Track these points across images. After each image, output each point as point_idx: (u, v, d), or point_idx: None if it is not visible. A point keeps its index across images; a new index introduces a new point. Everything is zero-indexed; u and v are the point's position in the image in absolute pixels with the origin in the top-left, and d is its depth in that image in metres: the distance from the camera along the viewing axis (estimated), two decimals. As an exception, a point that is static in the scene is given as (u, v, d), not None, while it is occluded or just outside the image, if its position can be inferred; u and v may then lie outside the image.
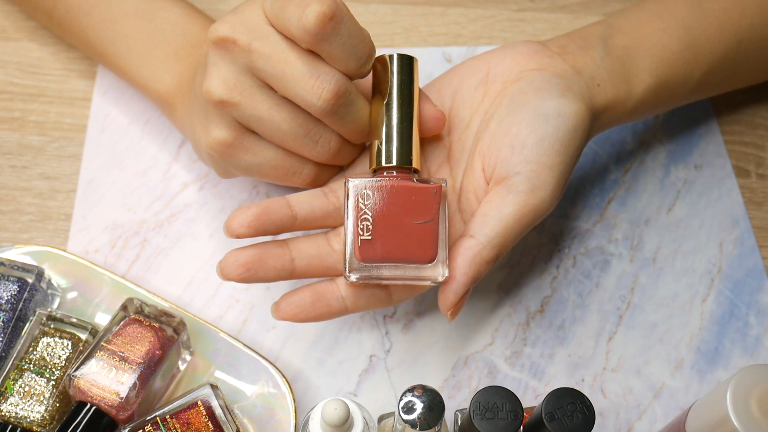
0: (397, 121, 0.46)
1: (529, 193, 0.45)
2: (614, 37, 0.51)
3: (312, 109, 0.44)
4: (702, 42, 0.52)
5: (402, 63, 0.46)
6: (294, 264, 0.46)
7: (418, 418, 0.39)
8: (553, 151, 0.45)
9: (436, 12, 0.67)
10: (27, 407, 0.46)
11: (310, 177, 0.48)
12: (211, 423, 0.45)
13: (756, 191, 0.60)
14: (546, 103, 0.46)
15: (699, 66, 0.52)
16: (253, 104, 0.44)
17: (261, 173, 0.48)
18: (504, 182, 0.45)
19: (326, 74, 0.43)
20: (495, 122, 0.47)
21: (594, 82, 0.48)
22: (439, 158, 0.50)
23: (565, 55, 0.49)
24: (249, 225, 0.45)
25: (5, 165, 0.59)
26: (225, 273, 0.45)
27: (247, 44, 0.43)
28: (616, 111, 0.50)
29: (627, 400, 0.52)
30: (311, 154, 0.46)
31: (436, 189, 0.44)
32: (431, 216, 0.44)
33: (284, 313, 0.46)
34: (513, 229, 0.45)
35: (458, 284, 0.44)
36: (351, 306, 0.47)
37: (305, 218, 0.46)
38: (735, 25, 0.53)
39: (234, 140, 0.46)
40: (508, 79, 0.48)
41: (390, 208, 0.44)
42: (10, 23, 0.64)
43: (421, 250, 0.44)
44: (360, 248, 0.44)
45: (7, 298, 0.48)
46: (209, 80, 0.45)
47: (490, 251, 0.44)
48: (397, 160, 0.45)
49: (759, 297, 0.55)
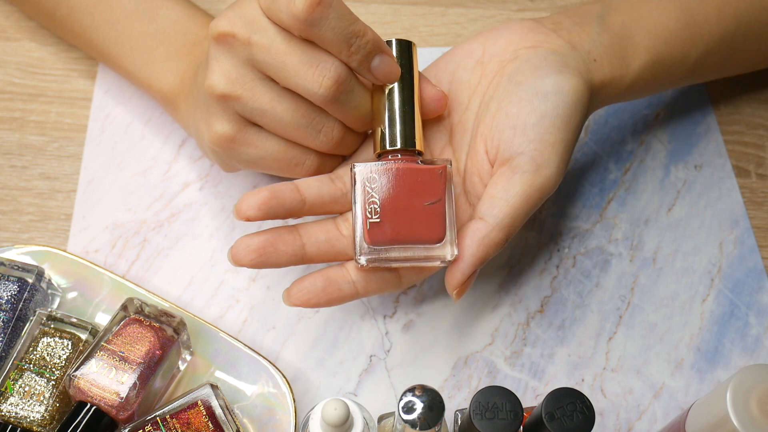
0: (399, 105, 0.46)
1: (534, 172, 0.45)
2: (611, 14, 0.51)
3: (314, 98, 0.44)
4: (700, 22, 0.52)
5: (401, 48, 0.47)
6: (305, 249, 0.46)
7: (418, 418, 0.39)
8: (555, 129, 0.45)
9: (436, 12, 0.67)
10: (27, 407, 0.46)
11: (313, 168, 0.48)
12: (211, 423, 0.45)
13: (756, 191, 0.60)
14: (543, 80, 0.46)
15: (696, 46, 0.52)
16: (255, 97, 0.44)
17: (264, 166, 0.48)
18: (508, 163, 0.45)
19: (325, 62, 0.43)
20: (495, 103, 0.47)
21: (590, 57, 0.48)
22: (442, 141, 0.50)
23: (560, 31, 0.49)
24: (259, 207, 0.44)
25: (5, 165, 0.59)
26: (237, 259, 0.45)
27: (246, 38, 0.43)
28: (614, 87, 0.50)
29: (627, 400, 0.52)
30: (314, 144, 0.47)
31: (441, 170, 0.45)
32: (438, 196, 0.44)
33: (296, 299, 0.46)
34: (521, 209, 0.45)
35: (466, 264, 0.44)
36: (362, 290, 0.47)
37: (314, 203, 0.46)
38: (733, 6, 0.53)
39: (236, 134, 0.46)
40: (504, 59, 0.48)
41: (397, 191, 0.44)
42: (10, 23, 0.64)
43: (429, 231, 0.44)
44: (369, 231, 0.44)
45: (7, 298, 0.48)
46: (211, 75, 0.45)
47: (499, 232, 0.45)
48: (401, 143, 0.46)
49: (759, 297, 0.55)
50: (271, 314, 0.54)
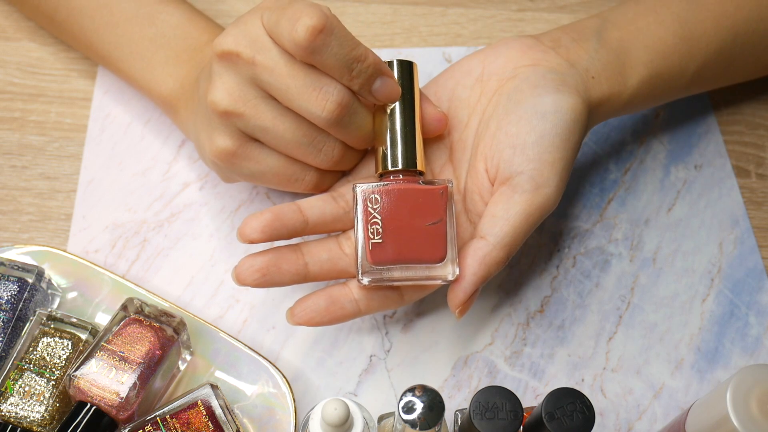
0: (401, 125, 0.46)
1: (534, 191, 0.45)
2: (609, 29, 0.51)
3: (316, 121, 0.44)
4: (697, 35, 0.52)
5: (402, 68, 0.47)
6: (308, 268, 0.47)
7: (418, 418, 0.39)
8: (554, 148, 0.46)
9: (436, 12, 0.67)
10: (27, 407, 0.46)
11: (312, 183, 0.49)
12: (211, 423, 0.45)
13: (756, 191, 0.60)
14: (542, 99, 0.46)
15: (694, 59, 0.52)
16: (258, 115, 0.45)
17: (264, 180, 0.48)
18: (508, 182, 0.46)
19: (328, 86, 0.44)
20: (494, 122, 0.47)
21: (588, 75, 0.49)
22: (441, 159, 0.50)
23: (558, 49, 0.49)
24: (262, 230, 0.45)
25: (5, 165, 0.59)
26: (241, 279, 0.46)
27: (250, 57, 0.44)
28: (612, 103, 0.50)
29: (627, 400, 0.52)
30: (315, 162, 0.47)
31: (442, 190, 0.45)
32: (439, 216, 0.45)
33: (299, 318, 0.47)
34: (521, 228, 0.45)
35: (468, 283, 0.45)
36: (364, 308, 0.47)
37: (316, 223, 0.47)
38: (731, 18, 0.53)
39: (237, 149, 0.47)
40: (503, 77, 0.48)
41: (398, 211, 0.45)
42: (10, 23, 0.64)
43: (430, 250, 0.45)
44: (371, 252, 0.44)
45: (7, 298, 0.48)
46: (214, 91, 0.45)
47: (500, 251, 0.45)
48: (402, 164, 0.46)
49: (759, 297, 0.55)
50: (271, 314, 0.54)
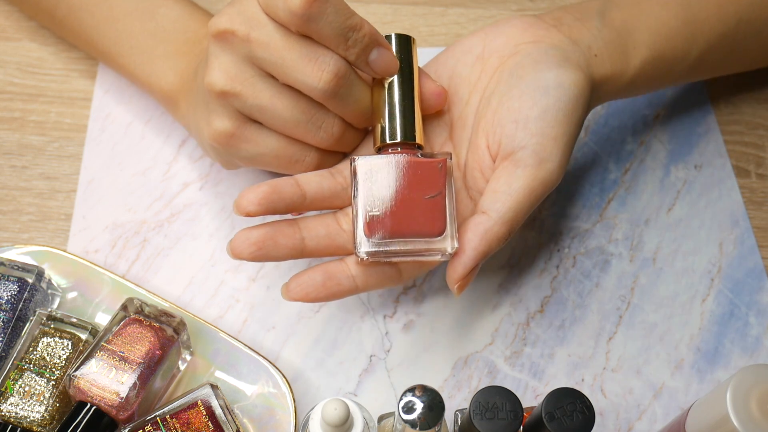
0: (399, 98, 0.46)
1: (536, 166, 0.45)
2: (611, 10, 0.51)
3: (313, 93, 0.44)
4: (701, 19, 0.52)
5: (400, 42, 0.47)
6: (305, 243, 0.46)
7: (418, 418, 0.39)
8: (557, 122, 0.45)
9: (436, 12, 0.67)
10: (27, 407, 0.46)
11: (313, 164, 0.48)
12: (211, 423, 0.45)
13: (756, 191, 0.60)
14: (544, 75, 0.46)
15: (697, 43, 0.52)
16: (255, 93, 0.45)
17: (264, 163, 0.48)
18: (511, 157, 0.45)
19: (324, 57, 0.43)
20: (496, 98, 0.47)
21: (591, 52, 0.48)
22: (442, 136, 0.50)
23: (560, 27, 0.49)
24: (259, 203, 0.44)
25: (5, 165, 0.59)
26: (236, 252, 0.45)
27: (245, 34, 0.43)
28: (615, 83, 0.50)
29: (627, 400, 0.52)
30: (314, 140, 0.46)
31: (441, 163, 0.45)
32: (438, 189, 0.44)
33: (295, 294, 0.46)
34: (524, 203, 0.45)
35: (468, 258, 0.44)
36: (361, 284, 0.46)
37: (314, 197, 0.46)
38: (734, 4, 0.53)
39: (236, 130, 0.46)
40: (505, 54, 0.48)
41: (397, 184, 0.44)
42: (10, 23, 0.64)
43: (429, 223, 0.44)
44: (369, 224, 0.44)
45: (7, 298, 0.48)
46: (211, 72, 0.45)
47: (502, 227, 0.44)
48: (401, 136, 0.46)
49: (759, 297, 0.55)
50: (271, 314, 0.54)
